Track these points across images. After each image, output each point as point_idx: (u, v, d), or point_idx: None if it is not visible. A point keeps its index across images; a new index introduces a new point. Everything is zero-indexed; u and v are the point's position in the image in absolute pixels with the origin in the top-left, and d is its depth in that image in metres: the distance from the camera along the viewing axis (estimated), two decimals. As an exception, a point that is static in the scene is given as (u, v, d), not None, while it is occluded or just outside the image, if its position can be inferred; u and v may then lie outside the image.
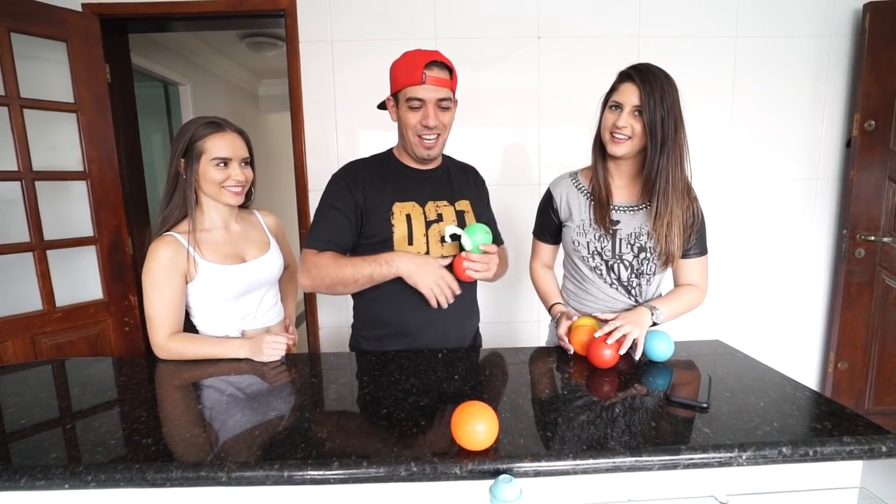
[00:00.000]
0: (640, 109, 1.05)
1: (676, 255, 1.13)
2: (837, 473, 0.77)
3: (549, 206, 1.27)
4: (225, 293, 1.17)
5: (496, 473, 0.67)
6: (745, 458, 0.70)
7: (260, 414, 0.84)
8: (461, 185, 1.29)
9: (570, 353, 1.10)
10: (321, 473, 0.67)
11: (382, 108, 1.22)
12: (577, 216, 1.20)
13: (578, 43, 2.07)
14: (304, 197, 2.13)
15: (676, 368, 1.01)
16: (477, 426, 0.68)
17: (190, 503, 0.72)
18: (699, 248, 1.18)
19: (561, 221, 1.25)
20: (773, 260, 2.25)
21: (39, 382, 1.04)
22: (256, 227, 1.31)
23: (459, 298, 1.14)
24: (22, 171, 1.78)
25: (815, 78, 2.13)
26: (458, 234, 1.10)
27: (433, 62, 1.08)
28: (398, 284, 1.11)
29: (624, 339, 1.02)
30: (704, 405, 0.83)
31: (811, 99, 2.14)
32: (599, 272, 1.20)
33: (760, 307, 2.28)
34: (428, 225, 1.18)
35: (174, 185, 1.16)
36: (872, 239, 2.10)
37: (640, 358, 1.05)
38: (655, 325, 1.11)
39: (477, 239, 1.10)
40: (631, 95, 1.06)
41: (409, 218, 1.16)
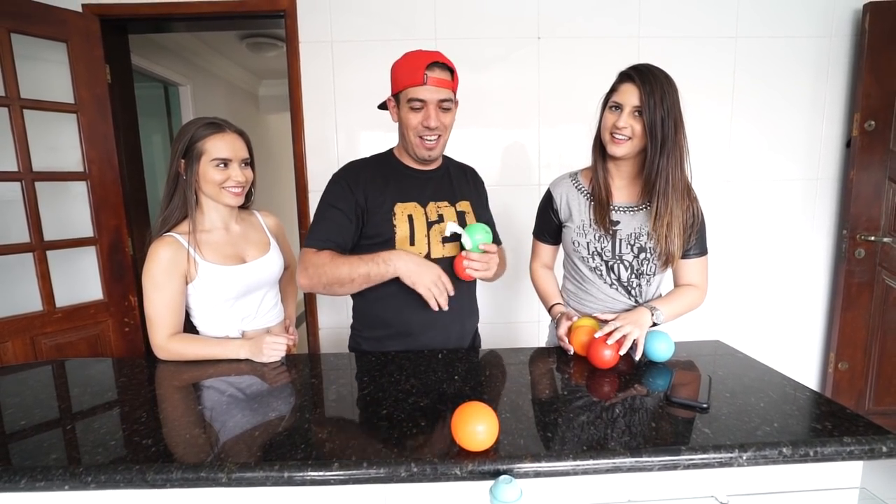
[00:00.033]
0: (640, 110, 1.05)
1: (676, 255, 1.13)
2: (838, 474, 0.77)
3: (549, 206, 1.27)
4: (225, 294, 1.17)
5: (496, 474, 0.67)
6: (745, 458, 0.70)
7: (260, 415, 0.84)
8: (461, 185, 1.29)
9: (570, 353, 1.10)
10: (321, 474, 0.67)
11: (383, 108, 1.22)
12: (577, 216, 1.20)
13: (578, 43, 2.07)
14: (304, 197, 2.13)
15: (676, 369, 1.01)
16: (477, 427, 0.69)
17: (190, 504, 0.72)
18: (699, 248, 1.18)
19: (561, 222, 1.25)
20: (773, 260, 2.25)
21: (39, 383, 1.04)
22: (257, 227, 1.31)
23: (460, 298, 1.14)
24: (22, 171, 1.79)
25: (815, 78, 2.13)
26: (458, 232, 1.10)
27: (435, 63, 1.08)
28: (399, 285, 1.10)
29: (624, 339, 1.02)
30: (704, 405, 0.83)
31: (811, 99, 2.14)
32: (599, 272, 1.20)
33: (760, 307, 2.28)
34: (429, 226, 1.17)
35: (174, 185, 1.16)
36: (872, 239, 2.10)
37: (640, 358, 1.05)
38: (655, 325, 1.11)
39: (477, 238, 1.10)
40: (631, 96, 1.06)
41: (410, 219, 1.16)
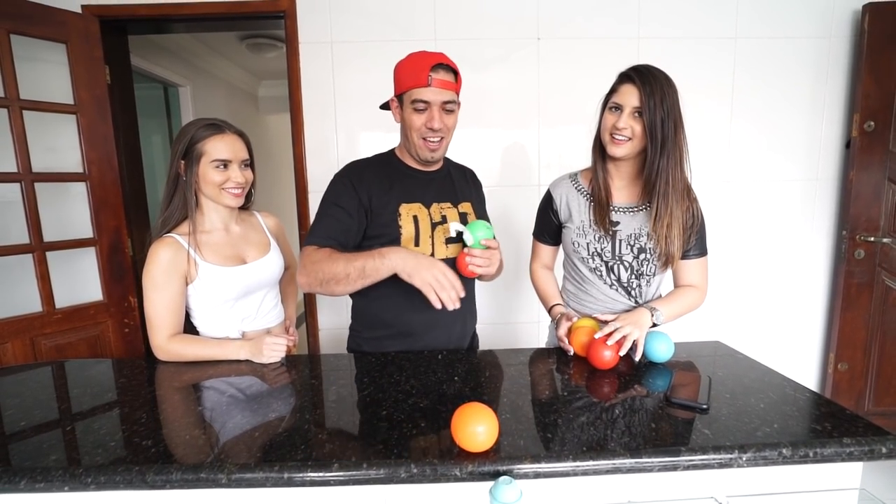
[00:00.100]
0: (640, 111, 1.05)
1: (676, 256, 1.13)
2: (837, 475, 0.77)
3: (548, 207, 1.27)
4: (225, 295, 1.17)
5: (496, 475, 0.67)
6: (745, 459, 0.70)
7: (260, 415, 0.84)
8: (462, 187, 1.29)
9: (569, 354, 1.10)
10: (321, 475, 0.67)
11: (385, 108, 1.22)
12: (576, 217, 1.20)
13: (578, 44, 2.07)
14: (304, 198, 2.13)
15: (676, 369, 1.01)
16: (477, 428, 0.68)
17: (190, 505, 0.72)
18: (699, 249, 1.18)
19: (561, 222, 1.25)
20: (772, 261, 2.25)
21: (39, 384, 1.04)
22: (257, 228, 1.31)
23: (461, 298, 1.13)
24: (22, 172, 1.79)
25: (814, 79, 2.13)
26: (461, 230, 1.11)
27: (439, 65, 1.08)
28: (398, 284, 1.07)
29: (624, 340, 1.03)
30: (704, 406, 0.83)
31: (811, 100, 2.14)
32: (599, 273, 1.20)
33: (760, 308, 2.28)
34: (433, 227, 1.17)
35: (174, 186, 1.16)
36: (872, 240, 2.11)
37: (639, 359, 1.05)
38: (655, 326, 1.11)
39: (479, 235, 1.10)
40: (631, 97, 1.06)
41: (416, 219, 1.16)
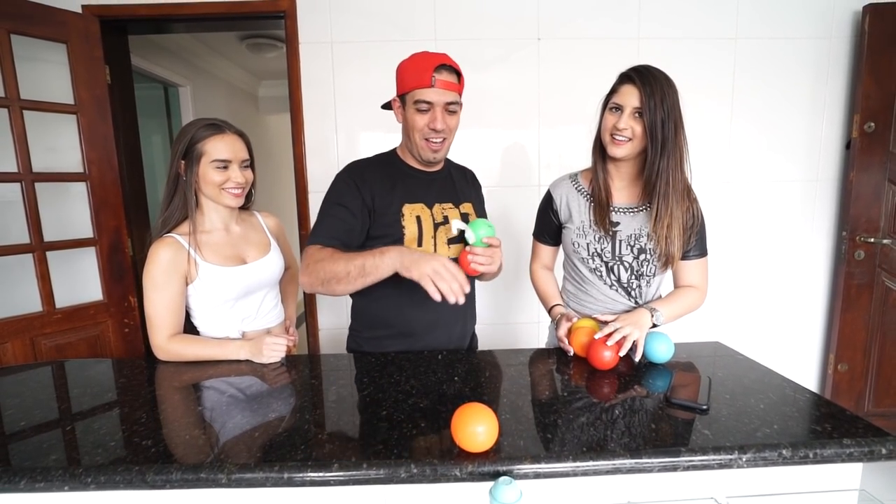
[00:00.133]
0: (640, 111, 1.05)
1: (676, 256, 1.13)
2: (837, 475, 0.77)
3: (548, 207, 1.27)
4: (225, 295, 1.17)
5: (496, 475, 0.67)
6: (745, 460, 0.70)
7: (260, 415, 0.84)
8: (463, 187, 1.29)
9: (569, 354, 1.10)
10: (321, 475, 0.67)
11: (387, 108, 1.22)
12: (576, 218, 1.21)
13: (578, 44, 2.07)
14: (304, 198, 2.13)
15: (676, 370, 1.01)
16: (477, 428, 0.68)
17: (190, 505, 0.72)
18: (699, 249, 1.18)
19: (561, 223, 1.25)
20: (772, 261, 2.25)
21: (39, 384, 1.04)
22: (257, 228, 1.31)
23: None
24: (22, 172, 1.79)
25: (814, 79, 2.13)
26: (462, 228, 1.11)
27: (443, 66, 1.08)
28: (400, 284, 1.06)
29: (624, 340, 1.03)
30: (704, 407, 0.83)
31: (811, 100, 2.14)
32: (599, 274, 1.20)
33: (760, 309, 2.28)
34: (436, 227, 1.17)
35: (174, 186, 1.16)
36: (872, 241, 2.11)
37: (639, 360, 1.05)
38: (655, 326, 1.11)
39: (481, 233, 1.10)
40: (631, 97, 1.06)
41: (419, 220, 1.16)
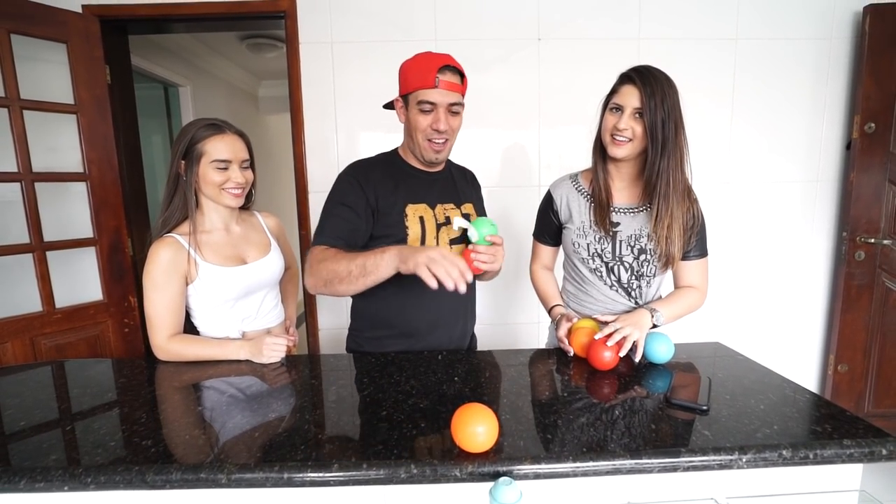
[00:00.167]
0: (640, 111, 1.05)
1: (676, 257, 1.13)
2: (837, 476, 0.77)
3: (549, 207, 1.27)
4: (225, 295, 1.17)
5: (496, 475, 0.67)
6: (745, 460, 0.70)
7: (260, 415, 0.84)
8: (464, 188, 1.29)
9: (569, 355, 1.10)
10: (321, 475, 0.67)
11: (389, 107, 1.22)
12: (577, 218, 1.20)
13: (579, 45, 2.07)
14: (304, 199, 2.13)
15: (676, 371, 1.01)
16: (477, 428, 0.68)
17: (189, 505, 0.72)
18: (699, 250, 1.18)
19: (561, 223, 1.25)
20: (772, 262, 2.25)
21: (39, 384, 1.04)
22: (257, 228, 1.31)
23: (463, 297, 1.13)
24: (22, 172, 1.78)
25: (815, 80, 2.13)
26: (465, 227, 1.11)
27: (446, 66, 1.08)
28: (402, 284, 1.07)
29: (624, 341, 1.02)
30: (704, 407, 0.83)
31: (811, 101, 2.14)
32: (599, 274, 1.20)
33: (760, 309, 2.28)
34: (438, 227, 1.17)
35: (174, 186, 1.16)
36: (872, 241, 2.10)
37: (639, 360, 1.05)
38: (655, 327, 1.11)
39: (483, 231, 1.10)
40: (632, 97, 1.06)
41: (422, 220, 1.15)
